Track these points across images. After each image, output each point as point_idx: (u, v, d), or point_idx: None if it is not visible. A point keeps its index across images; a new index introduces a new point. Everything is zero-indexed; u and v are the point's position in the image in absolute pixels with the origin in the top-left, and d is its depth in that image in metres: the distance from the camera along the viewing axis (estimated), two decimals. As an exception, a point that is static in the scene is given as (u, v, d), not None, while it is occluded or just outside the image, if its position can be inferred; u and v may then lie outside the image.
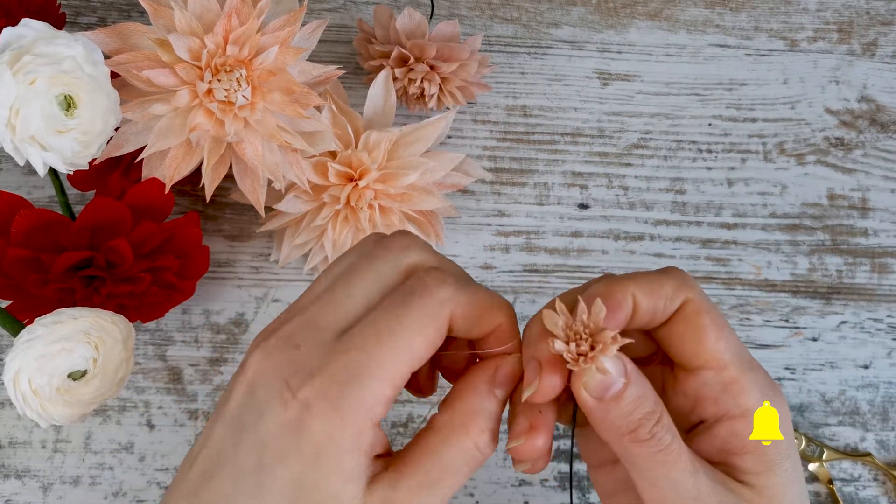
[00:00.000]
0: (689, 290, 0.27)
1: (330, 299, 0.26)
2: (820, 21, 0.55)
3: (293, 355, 0.25)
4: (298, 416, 0.24)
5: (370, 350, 0.24)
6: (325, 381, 0.24)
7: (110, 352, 0.36)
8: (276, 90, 0.39)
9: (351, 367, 0.24)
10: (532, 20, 0.54)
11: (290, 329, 0.26)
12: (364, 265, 0.27)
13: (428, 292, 0.25)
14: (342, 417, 0.24)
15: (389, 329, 0.24)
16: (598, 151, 0.51)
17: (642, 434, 0.25)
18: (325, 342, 0.25)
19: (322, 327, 0.25)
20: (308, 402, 0.24)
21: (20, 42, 0.36)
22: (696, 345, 0.27)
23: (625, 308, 0.26)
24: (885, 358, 0.49)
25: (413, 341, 0.25)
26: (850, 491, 0.46)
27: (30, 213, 0.38)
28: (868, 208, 0.52)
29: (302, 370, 0.24)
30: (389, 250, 0.27)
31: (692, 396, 0.27)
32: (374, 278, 0.26)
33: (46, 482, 0.43)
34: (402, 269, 0.27)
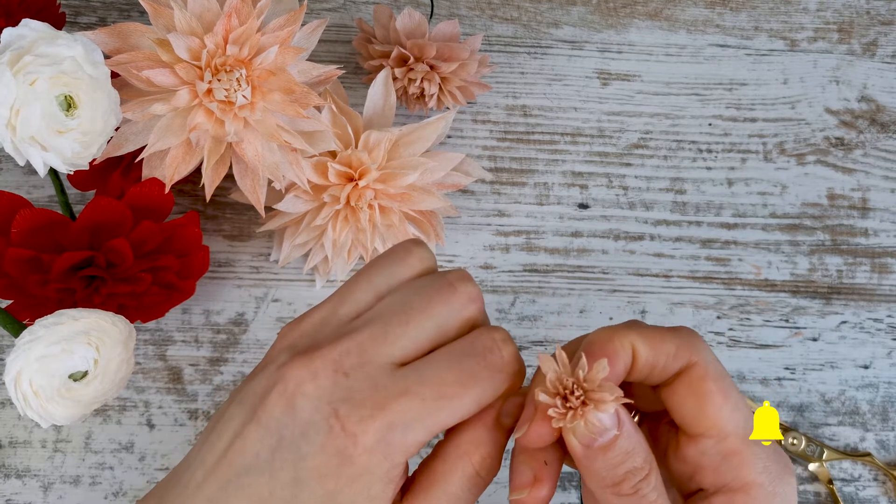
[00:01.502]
0: (694, 353, 0.26)
1: (384, 332, 0.26)
2: (820, 21, 0.55)
3: (341, 383, 0.25)
4: (344, 446, 0.25)
5: (429, 405, 0.25)
6: (377, 423, 0.25)
7: (111, 352, 0.36)
8: (276, 90, 0.39)
9: (406, 414, 0.25)
10: (532, 20, 0.54)
11: (338, 354, 0.26)
12: (424, 306, 0.27)
13: (499, 364, 0.26)
14: (384, 454, 0.25)
15: (453, 392, 0.25)
16: (598, 151, 0.51)
17: (625, 489, 0.25)
18: (376, 377, 0.25)
19: (374, 360, 0.26)
20: (356, 437, 0.25)
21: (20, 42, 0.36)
22: (698, 411, 0.26)
23: (622, 357, 0.26)
24: (885, 358, 0.49)
25: (469, 409, 0.26)
26: (850, 491, 0.46)
27: (30, 213, 0.38)
28: (868, 208, 0.52)
29: (352, 402, 0.25)
30: (455, 299, 0.27)
31: (692, 463, 0.26)
32: (433, 326, 0.27)
33: (47, 482, 0.43)
34: (463, 321, 0.27)
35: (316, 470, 0.25)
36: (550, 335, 0.48)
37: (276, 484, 0.25)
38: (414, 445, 0.25)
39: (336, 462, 0.25)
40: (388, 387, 0.25)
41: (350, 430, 0.25)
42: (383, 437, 0.25)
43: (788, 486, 0.26)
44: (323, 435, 0.25)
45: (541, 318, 0.48)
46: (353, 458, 0.25)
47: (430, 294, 0.27)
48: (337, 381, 0.25)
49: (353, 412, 0.25)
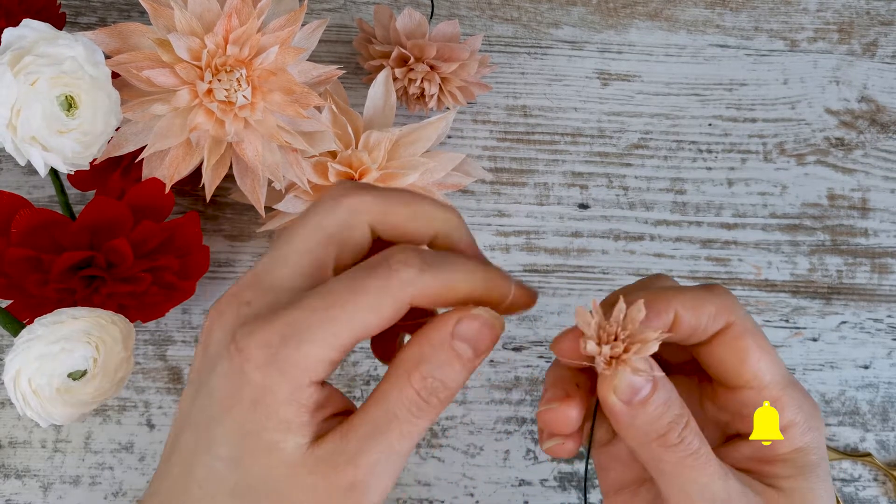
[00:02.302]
0: (732, 313, 0.27)
1: (275, 255, 0.26)
2: (820, 21, 0.55)
3: (242, 310, 0.25)
4: (239, 367, 0.24)
5: (319, 314, 0.24)
6: (266, 334, 0.24)
7: (110, 352, 0.36)
8: (276, 90, 0.39)
9: (295, 324, 0.24)
10: (532, 20, 0.54)
11: (239, 286, 0.25)
12: (302, 220, 0.26)
13: (389, 272, 0.24)
14: (280, 371, 0.23)
15: (342, 300, 0.24)
16: (598, 151, 0.51)
17: (672, 438, 0.25)
18: (272, 298, 0.25)
19: (269, 284, 0.25)
20: (248, 354, 0.24)
21: (21, 43, 0.36)
22: (738, 366, 0.27)
23: (665, 319, 0.26)
24: (885, 358, 0.49)
25: (364, 318, 0.24)
26: (850, 491, 0.46)
27: (30, 213, 0.38)
28: (868, 208, 0.52)
29: (247, 324, 0.24)
30: (325, 201, 0.26)
31: (731, 412, 0.28)
32: (314, 232, 0.26)
33: (46, 482, 0.43)
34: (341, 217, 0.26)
35: (221, 403, 0.24)
36: (550, 335, 0.48)
37: (196, 430, 0.25)
38: (313, 361, 0.24)
39: (236, 386, 0.24)
40: (283, 304, 0.24)
41: (242, 348, 0.24)
42: (276, 351, 0.23)
43: (820, 421, 0.27)
44: (224, 362, 0.24)
45: (541, 318, 0.48)
46: (249, 377, 0.24)
47: (308, 208, 0.27)
48: (239, 311, 0.25)
49: (245, 332, 0.24)
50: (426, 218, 0.26)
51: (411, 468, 0.45)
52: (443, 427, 0.46)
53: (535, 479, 0.45)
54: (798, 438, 0.27)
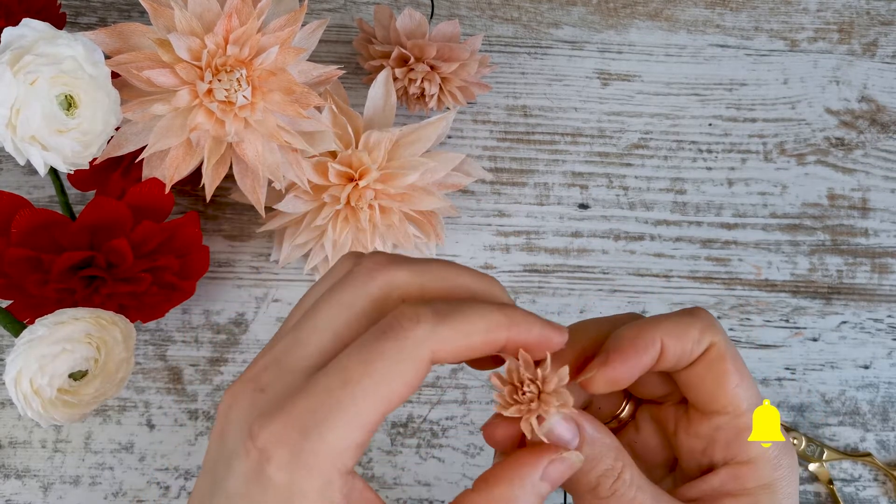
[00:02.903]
0: (714, 334, 0.27)
1: (295, 336, 0.24)
2: (820, 21, 0.55)
3: (258, 399, 0.23)
4: (259, 467, 0.22)
5: (336, 395, 0.22)
6: (284, 428, 0.22)
7: (111, 352, 0.36)
8: (276, 90, 0.39)
9: (312, 412, 0.22)
10: (532, 20, 0.54)
11: (255, 370, 0.24)
12: (328, 296, 0.24)
13: (402, 333, 0.22)
14: (306, 467, 0.22)
15: (358, 375, 0.22)
16: (598, 151, 0.51)
17: (603, 492, 0.25)
18: (290, 384, 0.23)
19: (288, 368, 0.23)
20: (267, 451, 0.22)
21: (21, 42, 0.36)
22: (716, 389, 0.27)
23: (652, 352, 0.26)
24: (886, 358, 0.49)
25: (386, 387, 0.22)
26: (851, 491, 0.46)
27: (30, 213, 0.38)
28: (868, 208, 0.52)
29: (264, 415, 0.22)
30: (355, 276, 0.24)
31: (705, 438, 0.28)
32: (339, 311, 0.24)
33: (46, 482, 0.43)
34: (373, 296, 0.24)
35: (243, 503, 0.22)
36: (550, 335, 0.48)
37: None
38: (340, 450, 0.22)
39: (259, 489, 0.22)
40: (299, 390, 0.22)
41: (261, 446, 0.22)
42: (298, 446, 0.22)
43: (791, 457, 0.27)
44: (242, 460, 0.22)
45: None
46: (273, 479, 0.22)
47: (332, 284, 0.25)
48: (255, 399, 0.23)
49: (262, 425, 0.22)
50: (465, 292, 0.25)
51: (411, 468, 0.45)
52: (443, 427, 0.46)
53: (535, 479, 0.45)
54: (768, 473, 0.27)
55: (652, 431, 0.30)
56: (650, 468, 0.30)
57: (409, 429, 0.45)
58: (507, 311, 0.24)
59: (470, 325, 0.23)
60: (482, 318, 0.23)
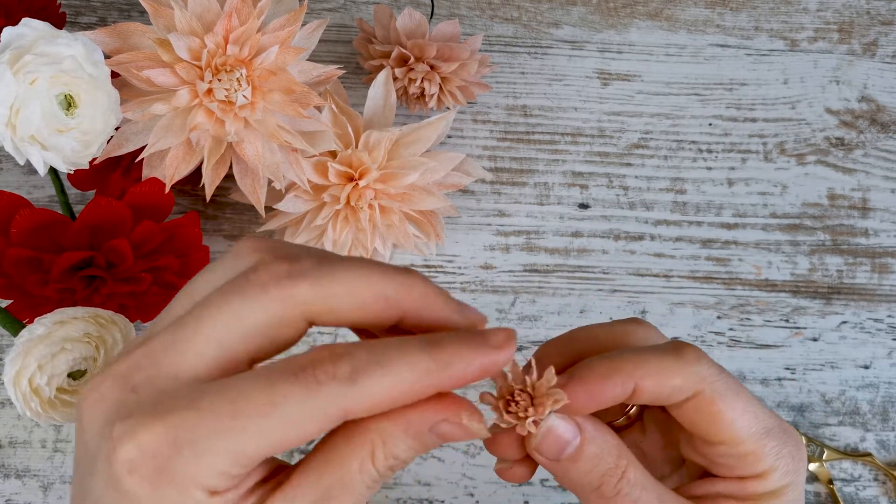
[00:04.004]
0: (700, 381, 0.25)
1: (174, 337, 0.21)
2: (820, 21, 0.55)
3: (128, 399, 0.21)
4: (119, 476, 0.20)
5: (223, 421, 0.20)
6: (153, 438, 0.20)
7: (110, 351, 0.36)
8: (276, 90, 0.39)
9: (192, 428, 0.20)
10: (532, 20, 0.54)
11: (127, 366, 0.21)
12: (217, 301, 0.21)
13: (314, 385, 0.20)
14: (171, 483, 0.20)
15: (254, 410, 0.20)
16: (598, 151, 0.51)
17: (607, 491, 0.25)
18: (165, 391, 0.21)
19: (164, 372, 0.21)
20: (132, 463, 0.20)
21: (21, 41, 0.36)
22: (709, 428, 0.26)
23: (619, 391, 0.25)
24: (886, 358, 0.49)
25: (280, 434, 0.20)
26: (851, 491, 0.46)
27: (30, 213, 0.38)
28: (868, 208, 0.52)
29: (129, 418, 0.20)
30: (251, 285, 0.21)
31: (707, 458, 0.27)
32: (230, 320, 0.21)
33: (46, 482, 0.43)
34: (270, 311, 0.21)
35: None
36: (551, 335, 0.48)
37: None
38: (212, 474, 0.20)
39: (118, 497, 0.20)
40: (178, 401, 0.20)
41: (126, 455, 0.20)
42: (165, 462, 0.20)
43: (802, 463, 0.27)
44: (103, 467, 0.20)
45: (541, 318, 0.48)
46: (133, 491, 0.20)
47: (227, 280, 0.22)
48: (124, 399, 0.21)
49: (127, 431, 0.20)
50: (378, 301, 0.22)
51: (411, 468, 0.45)
52: (443, 427, 0.46)
53: (535, 479, 0.45)
54: (775, 482, 0.26)
55: (657, 434, 0.30)
56: (658, 465, 0.30)
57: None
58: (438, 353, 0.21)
59: (395, 379, 0.20)
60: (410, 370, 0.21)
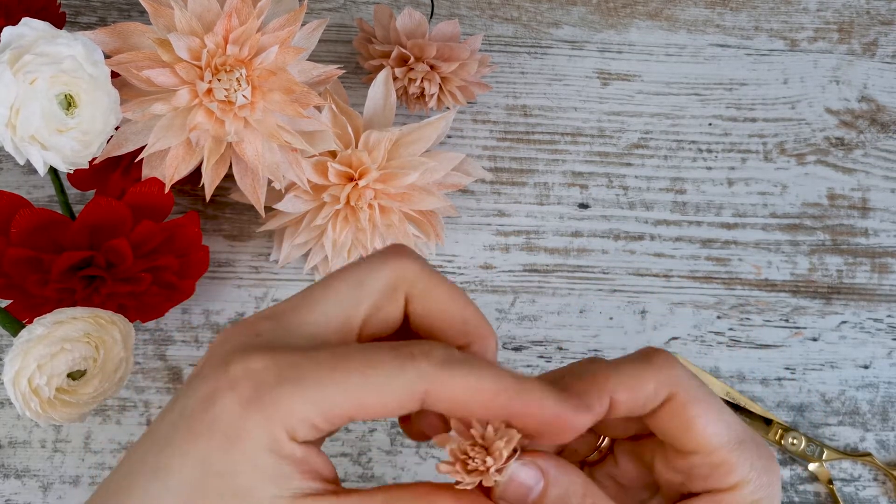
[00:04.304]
0: (673, 384, 0.26)
1: (303, 298, 0.24)
2: (820, 21, 0.55)
3: (251, 340, 0.23)
4: (220, 391, 0.21)
5: (323, 371, 0.22)
6: (262, 366, 0.22)
7: (110, 351, 0.36)
8: (276, 90, 0.39)
9: (295, 369, 0.22)
10: (532, 20, 0.54)
11: (256, 318, 0.24)
12: (345, 271, 0.25)
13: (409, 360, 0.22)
14: (262, 412, 0.21)
15: (352, 367, 0.22)
16: (598, 151, 0.51)
17: None
18: (284, 338, 0.23)
19: (288, 325, 0.23)
20: (235, 380, 0.21)
21: (20, 41, 0.36)
22: (683, 435, 0.26)
23: (599, 409, 0.25)
24: (886, 358, 0.49)
25: (365, 394, 0.22)
26: (850, 491, 0.46)
27: (30, 213, 0.38)
28: (868, 208, 0.52)
29: (247, 351, 0.22)
30: (372, 258, 0.25)
31: (682, 472, 0.27)
32: (353, 287, 0.24)
33: (46, 482, 0.43)
34: (385, 279, 0.24)
35: (190, 427, 0.22)
36: (550, 335, 0.48)
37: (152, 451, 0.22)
38: (299, 418, 0.21)
39: (210, 413, 0.21)
40: (291, 346, 0.22)
41: (231, 374, 0.21)
42: (265, 389, 0.21)
43: (775, 476, 0.27)
44: (207, 381, 0.22)
45: (541, 318, 0.48)
46: (227, 406, 0.21)
47: (354, 262, 0.25)
48: (248, 340, 0.23)
49: (241, 357, 0.22)
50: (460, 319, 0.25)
51: (411, 468, 0.45)
52: (443, 427, 0.46)
53: (535, 478, 0.45)
54: (748, 496, 0.26)
55: (630, 464, 0.30)
56: (635, 492, 0.30)
57: (408, 429, 0.45)
58: (521, 381, 0.22)
59: (477, 382, 0.22)
60: (493, 381, 0.22)
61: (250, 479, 0.21)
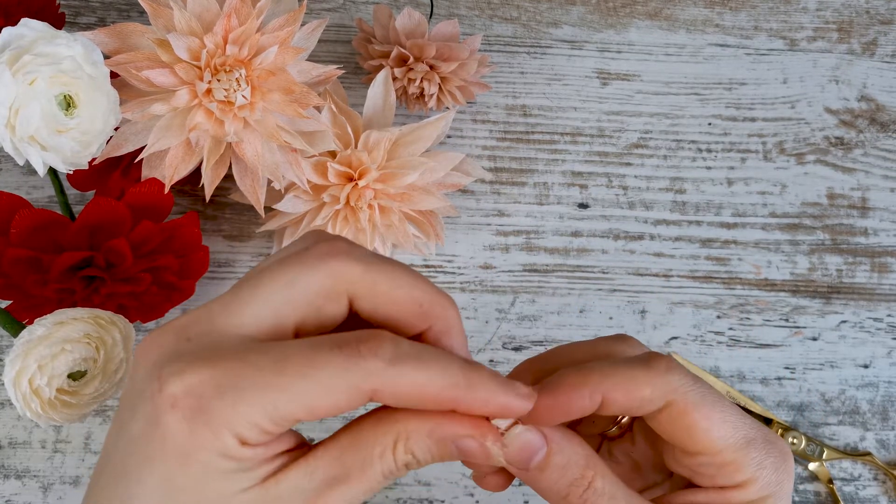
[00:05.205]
0: (671, 391, 0.26)
1: (232, 298, 0.23)
2: (819, 20, 0.55)
3: (181, 347, 0.22)
4: (160, 413, 0.21)
5: (265, 376, 0.21)
6: (198, 379, 0.21)
7: (110, 352, 0.36)
8: (275, 90, 0.39)
9: (235, 377, 0.21)
10: (532, 20, 0.54)
11: (185, 320, 0.23)
12: (275, 269, 0.23)
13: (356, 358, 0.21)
14: (208, 426, 0.21)
15: (295, 370, 0.21)
16: (597, 151, 0.51)
17: (573, 500, 0.25)
18: (218, 342, 0.22)
19: (219, 327, 0.22)
20: (174, 399, 0.21)
21: (20, 42, 0.36)
22: (685, 438, 0.26)
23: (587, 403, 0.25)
24: (885, 357, 0.49)
25: (313, 398, 0.21)
26: (850, 490, 0.46)
27: (29, 213, 0.38)
28: (868, 207, 0.52)
29: (180, 362, 0.21)
30: (307, 256, 0.23)
31: (689, 468, 0.27)
32: (282, 287, 0.23)
33: (46, 482, 0.43)
34: (319, 282, 0.23)
35: (143, 453, 0.21)
36: (550, 335, 0.48)
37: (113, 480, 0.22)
38: (246, 424, 0.21)
39: (159, 437, 0.21)
40: (227, 352, 0.21)
41: (167, 391, 0.21)
42: (207, 401, 0.21)
43: (786, 473, 0.27)
44: (146, 405, 0.21)
45: (541, 317, 0.48)
46: (172, 429, 0.21)
47: (284, 256, 0.24)
48: (178, 346, 0.22)
49: (174, 371, 0.21)
50: (414, 305, 0.24)
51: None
52: (443, 427, 0.46)
53: (535, 478, 0.45)
54: (755, 493, 0.26)
55: (646, 444, 0.30)
56: (649, 474, 0.30)
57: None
58: (469, 374, 0.22)
59: (426, 378, 0.22)
60: (441, 376, 0.22)
61: (214, 485, 0.21)
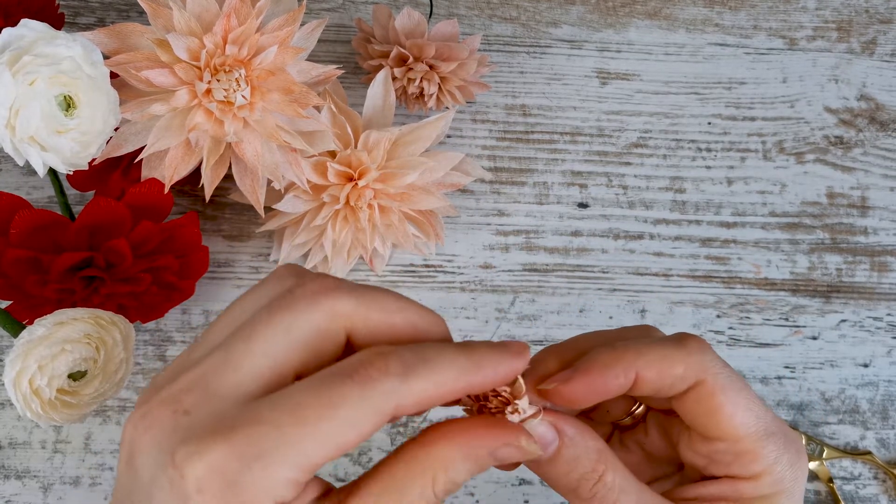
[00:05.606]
0: (702, 370, 0.26)
1: (225, 357, 0.22)
2: (819, 20, 0.55)
3: (180, 422, 0.21)
4: (185, 497, 0.20)
5: (287, 431, 0.20)
6: (221, 456, 0.20)
7: (110, 352, 0.36)
8: (275, 90, 0.39)
9: (257, 443, 0.20)
10: (531, 19, 0.54)
11: (175, 390, 0.21)
12: (266, 318, 0.22)
13: (370, 383, 0.21)
14: (240, 499, 0.20)
15: (315, 416, 0.20)
16: (597, 150, 0.51)
17: (583, 493, 0.26)
18: (221, 410, 0.21)
19: (217, 392, 0.21)
20: (199, 483, 0.20)
21: (19, 42, 0.36)
22: (708, 421, 0.26)
23: (621, 381, 0.25)
24: (885, 356, 0.49)
25: (341, 436, 0.21)
26: (851, 489, 0.46)
27: (29, 214, 0.38)
28: (867, 207, 0.52)
29: (191, 442, 0.20)
30: (297, 299, 0.22)
31: (705, 457, 0.27)
32: (278, 335, 0.22)
33: (46, 483, 0.43)
34: (316, 323, 0.22)
35: None
36: (550, 335, 0.48)
37: None
38: (280, 484, 0.20)
39: None
40: (237, 418, 0.20)
41: (192, 475, 0.20)
42: (235, 477, 0.20)
43: (801, 470, 0.27)
44: (165, 491, 0.20)
45: (540, 317, 0.48)
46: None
47: (270, 301, 0.23)
48: (177, 422, 0.21)
49: (190, 453, 0.20)
50: (409, 327, 0.23)
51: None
52: (443, 426, 0.46)
53: (535, 478, 0.45)
54: (767, 487, 0.26)
55: (659, 435, 0.30)
56: (660, 465, 0.30)
57: (409, 428, 0.45)
58: (471, 355, 0.23)
59: (439, 376, 0.22)
60: (450, 368, 0.22)
61: None
